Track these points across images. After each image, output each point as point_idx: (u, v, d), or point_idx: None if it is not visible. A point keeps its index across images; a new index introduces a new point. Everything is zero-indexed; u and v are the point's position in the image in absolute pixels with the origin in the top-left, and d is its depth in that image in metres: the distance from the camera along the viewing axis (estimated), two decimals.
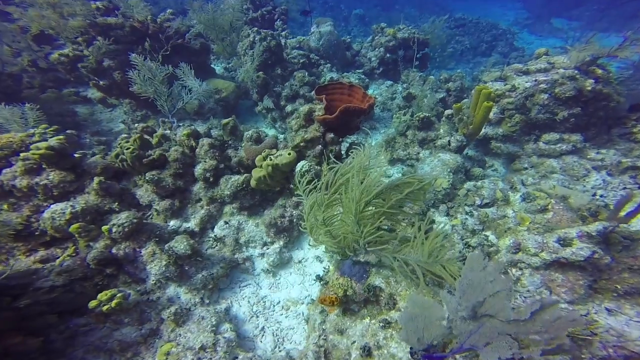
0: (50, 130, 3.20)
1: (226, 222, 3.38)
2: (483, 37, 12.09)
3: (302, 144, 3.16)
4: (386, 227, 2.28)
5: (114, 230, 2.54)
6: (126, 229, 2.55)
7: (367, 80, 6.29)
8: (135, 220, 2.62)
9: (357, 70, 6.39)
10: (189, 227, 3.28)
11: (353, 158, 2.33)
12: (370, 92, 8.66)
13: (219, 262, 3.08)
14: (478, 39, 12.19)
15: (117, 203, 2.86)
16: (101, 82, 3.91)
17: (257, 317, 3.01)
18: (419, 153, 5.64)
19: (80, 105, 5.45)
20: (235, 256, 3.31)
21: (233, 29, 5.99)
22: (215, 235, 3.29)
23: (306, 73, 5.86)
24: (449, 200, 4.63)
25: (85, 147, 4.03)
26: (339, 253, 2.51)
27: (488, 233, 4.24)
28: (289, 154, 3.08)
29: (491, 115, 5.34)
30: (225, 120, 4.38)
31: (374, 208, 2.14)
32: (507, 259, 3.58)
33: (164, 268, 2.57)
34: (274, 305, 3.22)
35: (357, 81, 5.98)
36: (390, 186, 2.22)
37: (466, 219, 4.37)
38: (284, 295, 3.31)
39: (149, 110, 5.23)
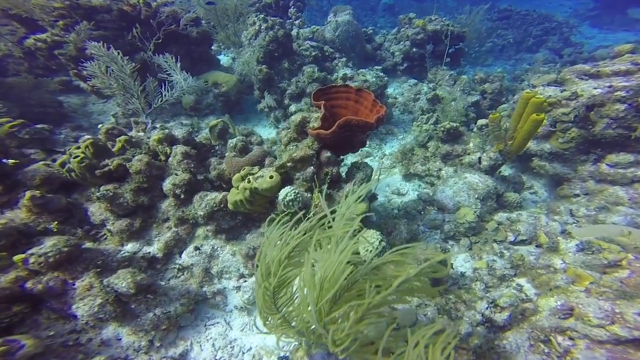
0: (9, 126, 2.86)
1: (197, 248, 2.89)
2: (531, 31, 10.67)
3: (289, 165, 2.57)
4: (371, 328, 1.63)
5: (31, 260, 2.10)
6: (50, 259, 2.11)
7: (386, 78, 5.53)
8: (65, 249, 2.17)
9: (376, 67, 5.66)
10: (149, 252, 2.79)
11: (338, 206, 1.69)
12: (390, 90, 7.82)
13: (180, 296, 2.60)
14: (525, 32, 10.75)
15: (56, 222, 2.45)
16: (85, 72, 3.56)
17: None
18: (440, 169, 4.86)
19: (73, 95, 5.17)
20: (204, 289, 2.79)
21: (239, 15, 5.46)
22: (181, 264, 2.83)
23: (316, 68, 5.20)
24: (474, 234, 3.87)
25: (58, 144, 3.70)
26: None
27: (522, 280, 3.45)
28: (271, 177, 2.49)
29: None
30: (212, 122, 3.85)
31: (347, 304, 1.44)
32: (550, 324, 2.80)
33: (96, 308, 2.11)
34: (243, 353, 2.70)
35: (374, 79, 5.24)
36: (369, 271, 1.51)
37: (494, 260, 3.60)
38: (258, 341, 2.76)
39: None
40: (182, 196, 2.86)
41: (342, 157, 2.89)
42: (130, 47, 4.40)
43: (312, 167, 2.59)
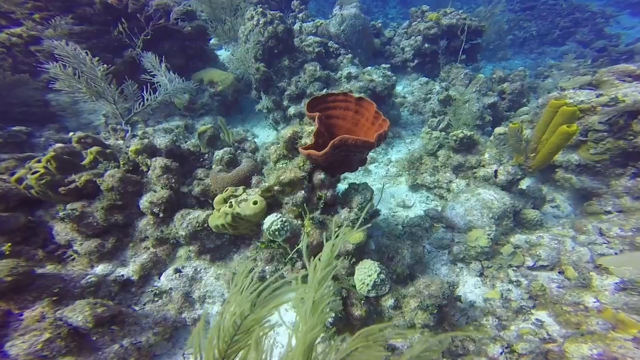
0: None
1: (177, 270, 2.64)
2: (558, 22, 9.84)
3: (276, 188, 2.26)
4: None
5: None
6: None
7: (394, 78, 5.12)
8: (8, 279, 1.92)
9: (384, 65, 5.24)
10: (123, 274, 2.54)
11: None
12: (399, 89, 7.36)
13: (155, 324, 2.35)
14: (551, 24, 9.94)
15: (9, 244, 2.22)
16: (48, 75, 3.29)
17: None
18: (451, 182, 4.48)
19: (63, 92, 4.95)
20: (183, 316, 2.54)
21: (236, 7, 5.11)
22: (159, 287, 2.60)
23: (319, 66, 4.83)
24: (486, 258, 3.52)
25: (37, 148, 3.49)
26: None
27: (542, 314, 3.10)
28: (255, 202, 2.20)
29: None
30: (201, 127, 3.57)
31: None
32: None
33: (39, 346, 1.83)
34: None
35: (380, 79, 4.84)
36: None
37: (509, 290, 3.25)
38: None
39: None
40: (161, 215, 2.60)
41: (338, 176, 2.56)
42: (117, 43, 4.13)
43: (302, 192, 2.28)
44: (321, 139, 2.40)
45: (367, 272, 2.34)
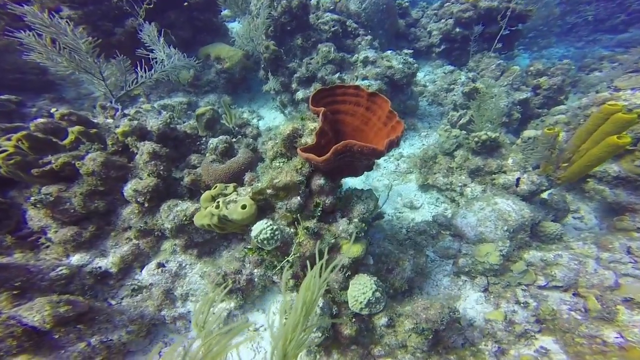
0: None
1: (160, 265, 2.49)
2: (629, 4, 8.19)
3: (269, 192, 2.01)
4: None
5: None
6: None
7: (415, 65, 4.61)
8: None
9: (406, 51, 4.71)
10: (101, 266, 2.38)
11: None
12: (420, 75, 6.75)
13: (130, 322, 2.23)
14: (620, 6, 8.28)
15: None
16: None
17: None
18: (465, 185, 4.11)
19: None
20: (162, 313, 2.40)
21: None
22: (139, 282, 2.46)
23: (333, 47, 4.38)
24: (494, 274, 3.24)
25: (28, 119, 3.31)
26: None
27: (548, 340, 2.86)
28: (244, 206, 1.96)
29: None
30: (200, 109, 3.30)
31: None
32: None
33: None
34: None
35: (400, 65, 4.36)
36: None
37: (514, 311, 3.00)
38: None
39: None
40: (146, 205, 2.42)
41: (340, 181, 2.28)
42: (118, 11, 3.80)
43: (298, 198, 2.03)
44: (324, 139, 2.11)
45: (361, 289, 2.12)
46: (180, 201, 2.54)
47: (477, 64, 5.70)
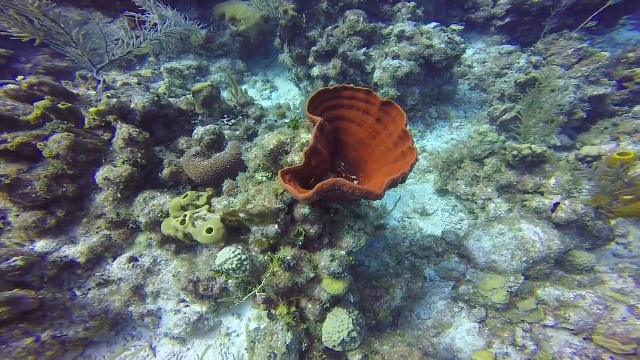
0: None
1: (133, 259, 2.24)
2: None
3: (242, 216, 1.62)
4: None
5: None
6: None
7: (462, 46, 3.65)
8: None
9: (454, 26, 3.67)
10: (68, 255, 2.14)
11: None
12: (469, 53, 5.55)
13: (91, 318, 2.06)
14: None
15: None
16: None
17: None
18: (490, 200, 3.47)
19: (73, 8, 4.22)
20: (130, 309, 2.23)
21: None
22: (107, 275, 2.24)
23: (363, 16, 3.50)
24: (497, 309, 2.80)
25: (20, 74, 2.98)
26: None
27: None
28: (210, 230, 1.61)
29: None
30: (197, 85, 2.83)
31: None
32: None
33: None
34: None
35: (442, 46, 3.41)
36: None
37: (507, 354, 2.62)
38: None
39: None
40: (119, 195, 2.15)
41: (330, 208, 1.84)
42: None
43: (276, 227, 1.65)
44: (316, 160, 1.62)
45: (337, 327, 1.83)
46: (158, 193, 2.25)
47: (549, 46, 4.46)
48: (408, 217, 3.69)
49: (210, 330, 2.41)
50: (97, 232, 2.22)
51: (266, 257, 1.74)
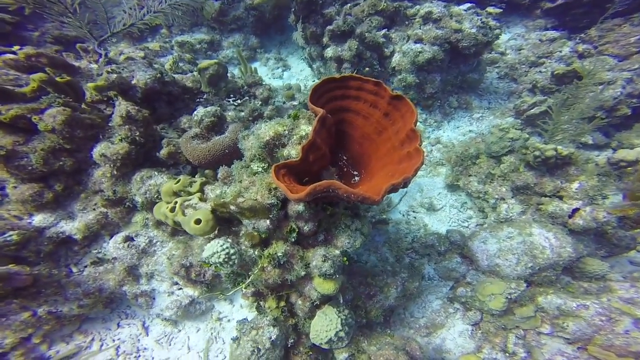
0: None
1: (128, 239, 2.21)
2: None
3: (232, 208, 1.51)
4: None
5: None
6: None
7: (497, 31, 3.20)
8: None
9: (491, 9, 3.20)
10: (65, 230, 2.09)
11: None
12: (504, 38, 4.93)
13: (85, 295, 2.06)
14: None
15: None
16: None
17: None
18: (502, 200, 3.21)
19: None
20: (124, 289, 2.23)
21: None
22: (102, 253, 2.22)
23: None
24: (492, 313, 2.66)
25: (28, 43, 2.84)
26: None
27: None
28: (198, 221, 1.52)
29: None
30: (203, 63, 2.65)
31: None
32: None
33: None
34: None
35: (473, 30, 2.99)
36: None
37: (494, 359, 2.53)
38: (171, 359, 2.26)
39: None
40: (115, 172, 2.09)
41: (327, 207, 1.70)
42: None
43: (267, 222, 1.54)
44: (314, 154, 1.46)
45: (325, 326, 1.78)
46: (156, 172, 2.17)
47: (605, 32, 3.87)
48: (414, 211, 3.52)
49: (202, 314, 2.44)
50: (94, 209, 2.19)
51: (256, 252, 1.66)
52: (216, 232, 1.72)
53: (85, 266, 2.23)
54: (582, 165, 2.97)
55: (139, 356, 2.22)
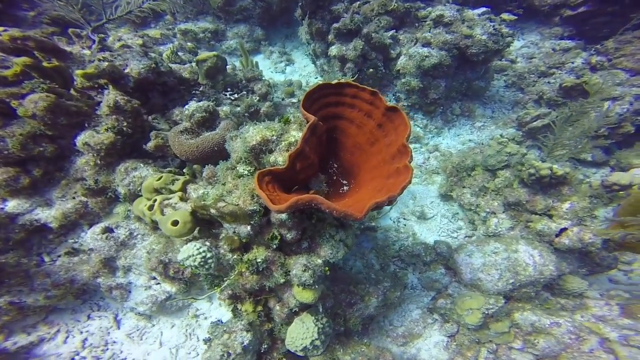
0: None
1: (108, 230, 2.10)
2: None
3: (212, 212, 1.45)
4: None
5: None
6: None
7: (509, 39, 3.04)
8: None
9: (506, 15, 3.04)
10: (40, 218, 1.97)
11: None
12: (516, 45, 4.69)
13: (53, 286, 1.96)
14: None
15: None
16: None
17: None
18: (493, 214, 3.16)
19: None
20: (98, 280, 2.12)
21: None
22: (78, 243, 2.09)
23: None
24: (468, 327, 2.65)
25: (22, 24, 2.67)
26: None
27: None
28: (175, 222, 1.46)
29: None
30: (201, 55, 2.52)
31: None
32: None
33: None
34: None
35: (484, 37, 2.84)
36: None
37: None
38: (140, 354, 2.20)
39: None
40: (100, 162, 2.01)
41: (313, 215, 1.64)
42: None
43: (248, 228, 1.48)
44: (301, 163, 1.39)
45: (302, 334, 1.75)
46: (141, 164, 2.09)
47: (623, 44, 3.69)
48: (404, 218, 3.47)
49: (178, 310, 2.39)
50: (74, 197, 2.11)
51: (235, 257, 1.61)
52: (196, 233, 1.67)
53: (59, 256, 2.13)
54: (576, 186, 2.90)
55: (107, 349, 2.15)
